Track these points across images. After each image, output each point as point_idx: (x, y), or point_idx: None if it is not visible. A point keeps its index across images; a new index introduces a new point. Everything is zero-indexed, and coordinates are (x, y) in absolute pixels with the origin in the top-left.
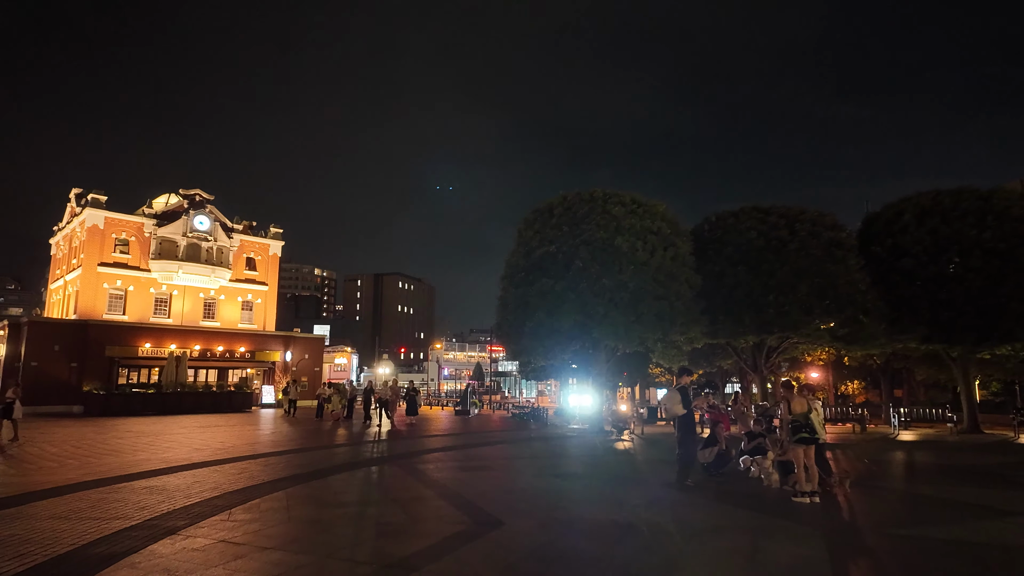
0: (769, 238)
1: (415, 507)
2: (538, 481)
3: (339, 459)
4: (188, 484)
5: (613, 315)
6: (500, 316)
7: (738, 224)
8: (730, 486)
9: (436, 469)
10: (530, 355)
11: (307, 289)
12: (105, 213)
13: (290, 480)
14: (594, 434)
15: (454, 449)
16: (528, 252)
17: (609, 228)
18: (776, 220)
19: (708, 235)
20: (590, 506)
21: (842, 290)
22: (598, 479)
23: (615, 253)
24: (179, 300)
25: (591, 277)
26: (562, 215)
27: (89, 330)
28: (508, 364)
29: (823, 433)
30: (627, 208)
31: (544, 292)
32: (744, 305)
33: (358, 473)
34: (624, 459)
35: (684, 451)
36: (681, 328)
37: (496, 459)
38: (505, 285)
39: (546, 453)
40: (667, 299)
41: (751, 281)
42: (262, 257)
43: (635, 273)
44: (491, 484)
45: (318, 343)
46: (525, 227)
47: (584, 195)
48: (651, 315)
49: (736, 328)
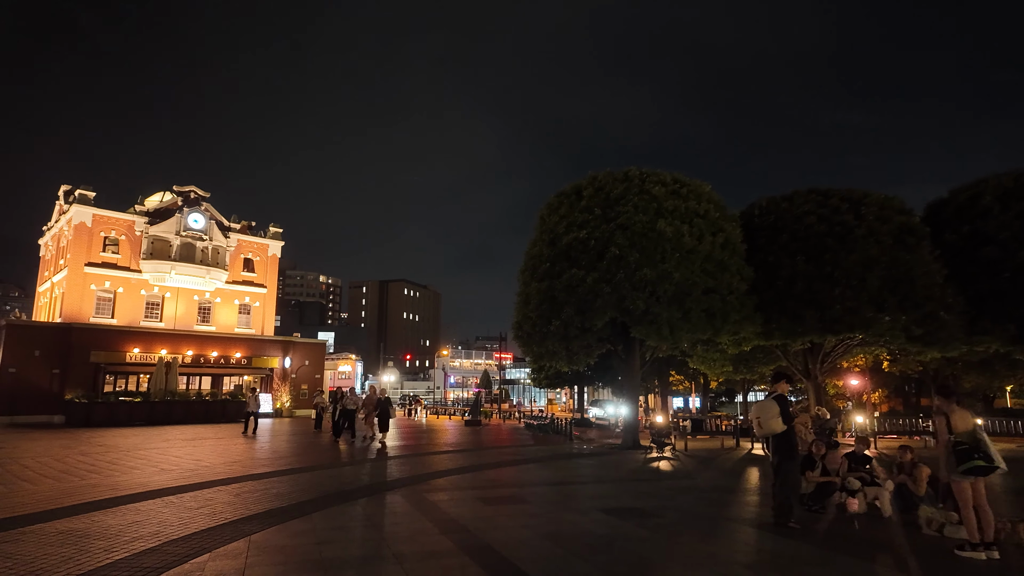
0: (831, 223)
1: (429, 570)
2: (587, 521)
3: (331, 485)
4: (125, 525)
5: (656, 311)
6: (520, 314)
7: (793, 208)
8: (845, 527)
9: (451, 501)
10: (553, 359)
11: (312, 296)
12: (93, 210)
13: (261, 519)
14: (629, 450)
15: (469, 471)
16: (553, 240)
17: (649, 210)
18: (838, 203)
19: (758, 221)
20: (675, 567)
21: (919, 282)
22: (664, 517)
23: (657, 239)
24: (172, 303)
25: (629, 267)
26: (592, 197)
27: (72, 334)
28: (516, 372)
29: (1000, 459)
30: (668, 188)
31: (573, 285)
32: (804, 300)
33: (352, 508)
34: (682, 486)
35: (784, 481)
36: (733, 327)
37: (523, 485)
38: (526, 279)
39: (581, 477)
40: (718, 292)
41: (812, 273)
42: (261, 258)
43: (680, 262)
44: (527, 526)
45: (319, 349)
46: (548, 212)
47: (618, 174)
48: (699, 311)
49: (794, 327)
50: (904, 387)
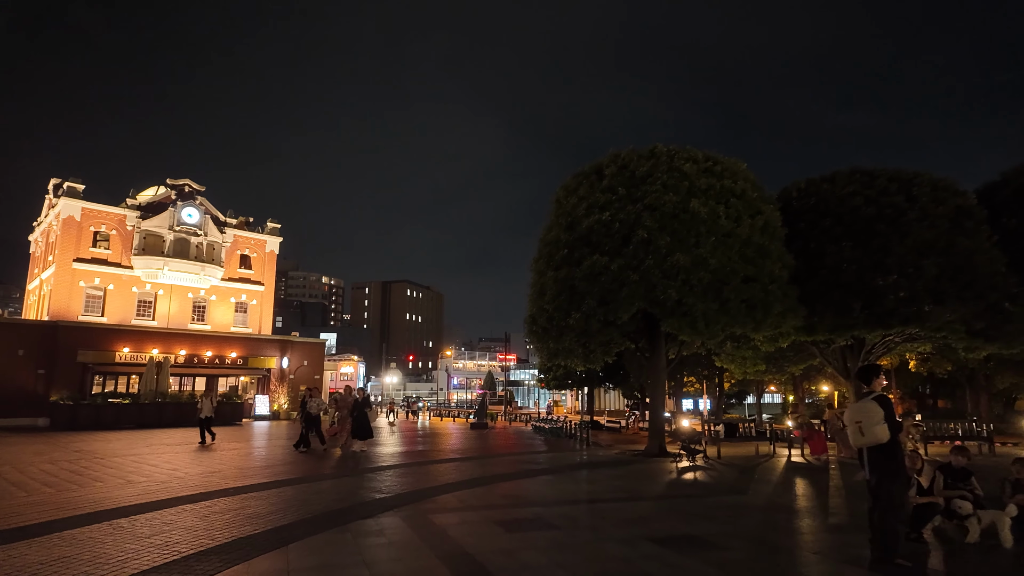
0: (880, 205)
1: None
2: (637, 556)
3: (317, 503)
4: (41, 564)
5: (690, 302)
6: (534, 307)
7: (836, 190)
8: (963, 563)
9: (462, 526)
10: (570, 357)
11: (314, 297)
12: (82, 204)
13: (222, 554)
14: (655, 457)
15: (480, 484)
16: (572, 224)
17: (680, 189)
18: (886, 184)
19: (797, 205)
20: None
21: (981, 270)
22: (731, 550)
23: (690, 221)
24: (165, 300)
25: (659, 252)
26: (616, 175)
27: (59, 333)
28: (521, 373)
29: None
30: (700, 166)
31: (595, 273)
32: (853, 291)
33: (339, 536)
34: (734, 504)
35: (887, 506)
36: (775, 320)
37: (546, 502)
38: (540, 268)
39: (613, 491)
40: (759, 281)
41: (861, 260)
42: (258, 254)
43: (717, 247)
44: (563, 564)
45: (318, 349)
46: (565, 194)
47: (643, 151)
48: (739, 302)
49: (841, 320)
50: (918, 388)
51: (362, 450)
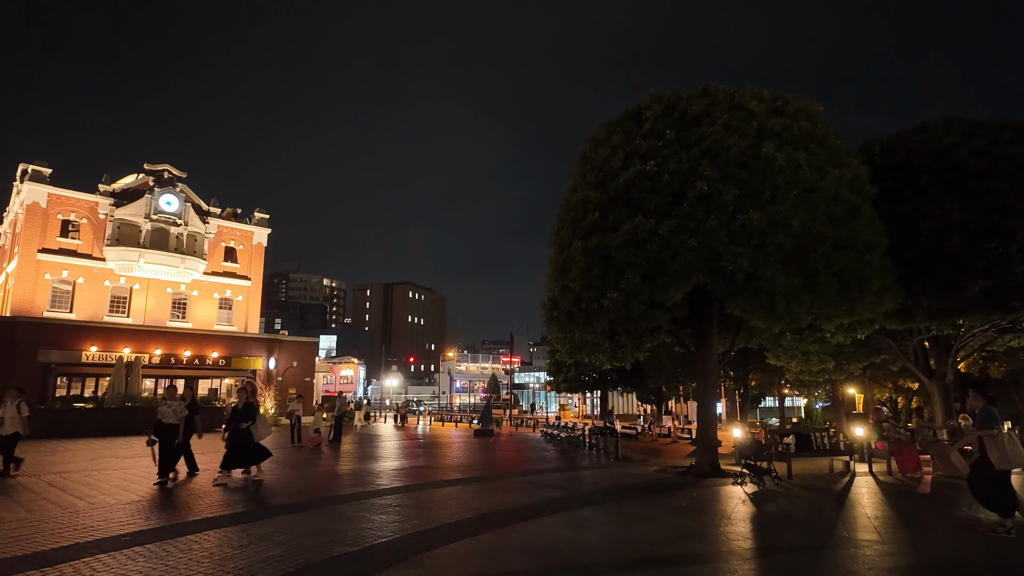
0: (995, 157)
1: None
2: None
3: (272, 556)
4: None
5: (767, 275)
6: (555, 287)
7: (932, 142)
8: None
9: None
10: (595, 352)
11: (315, 299)
12: (49, 189)
13: None
14: (707, 477)
15: (491, 526)
16: (604, 180)
17: (748, 131)
18: (996, 133)
19: (881, 160)
20: None
21: None
22: None
23: (763, 170)
24: (141, 295)
25: (725, 210)
26: (660, 118)
27: (18, 329)
28: (526, 376)
29: None
30: (769, 105)
31: (638, 240)
32: (962, 265)
33: None
34: (875, 560)
35: None
36: (873, 300)
37: (595, 568)
38: (564, 238)
39: (685, 540)
40: (852, 249)
41: (973, 225)
42: (244, 247)
43: (799, 203)
44: None
45: (310, 348)
46: (594, 147)
47: (694, 90)
48: (829, 275)
49: (946, 303)
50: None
51: (256, 479)
